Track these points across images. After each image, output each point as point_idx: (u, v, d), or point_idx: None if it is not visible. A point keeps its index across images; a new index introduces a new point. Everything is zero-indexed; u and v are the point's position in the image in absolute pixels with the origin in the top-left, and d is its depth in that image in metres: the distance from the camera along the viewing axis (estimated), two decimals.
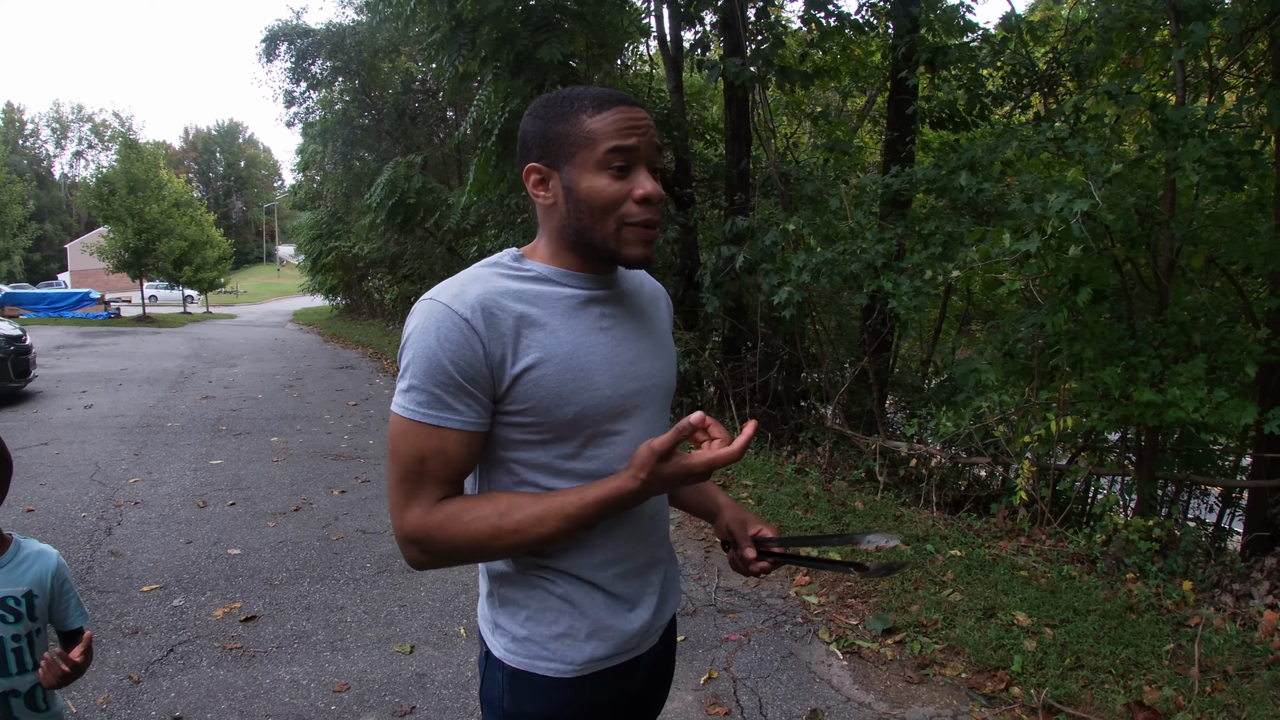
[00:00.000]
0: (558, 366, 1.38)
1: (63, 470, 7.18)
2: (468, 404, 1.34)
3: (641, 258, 1.43)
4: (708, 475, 1.35)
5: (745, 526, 1.68)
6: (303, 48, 19.75)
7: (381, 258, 22.18)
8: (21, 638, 1.93)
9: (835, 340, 8.94)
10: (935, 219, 6.31)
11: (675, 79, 10.61)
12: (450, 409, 1.33)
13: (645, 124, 1.39)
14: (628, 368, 1.47)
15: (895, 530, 5.42)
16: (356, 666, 3.81)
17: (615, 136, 1.36)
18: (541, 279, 1.43)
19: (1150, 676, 3.55)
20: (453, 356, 1.31)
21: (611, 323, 1.48)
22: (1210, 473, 6.10)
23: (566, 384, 1.38)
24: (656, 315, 1.62)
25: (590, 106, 1.38)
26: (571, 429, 1.41)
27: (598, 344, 1.43)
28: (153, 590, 4.64)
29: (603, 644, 1.48)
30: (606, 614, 1.49)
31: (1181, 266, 5.45)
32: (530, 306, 1.39)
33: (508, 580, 1.49)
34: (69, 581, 2.03)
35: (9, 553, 1.95)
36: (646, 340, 1.54)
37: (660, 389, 1.55)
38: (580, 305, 1.45)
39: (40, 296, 34.17)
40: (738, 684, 3.70)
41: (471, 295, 1.34)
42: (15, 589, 1.92)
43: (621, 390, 1.45)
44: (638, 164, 1.39)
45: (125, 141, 31.25)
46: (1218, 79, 5.93)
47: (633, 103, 1.40)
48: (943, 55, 7.50)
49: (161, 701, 3.49)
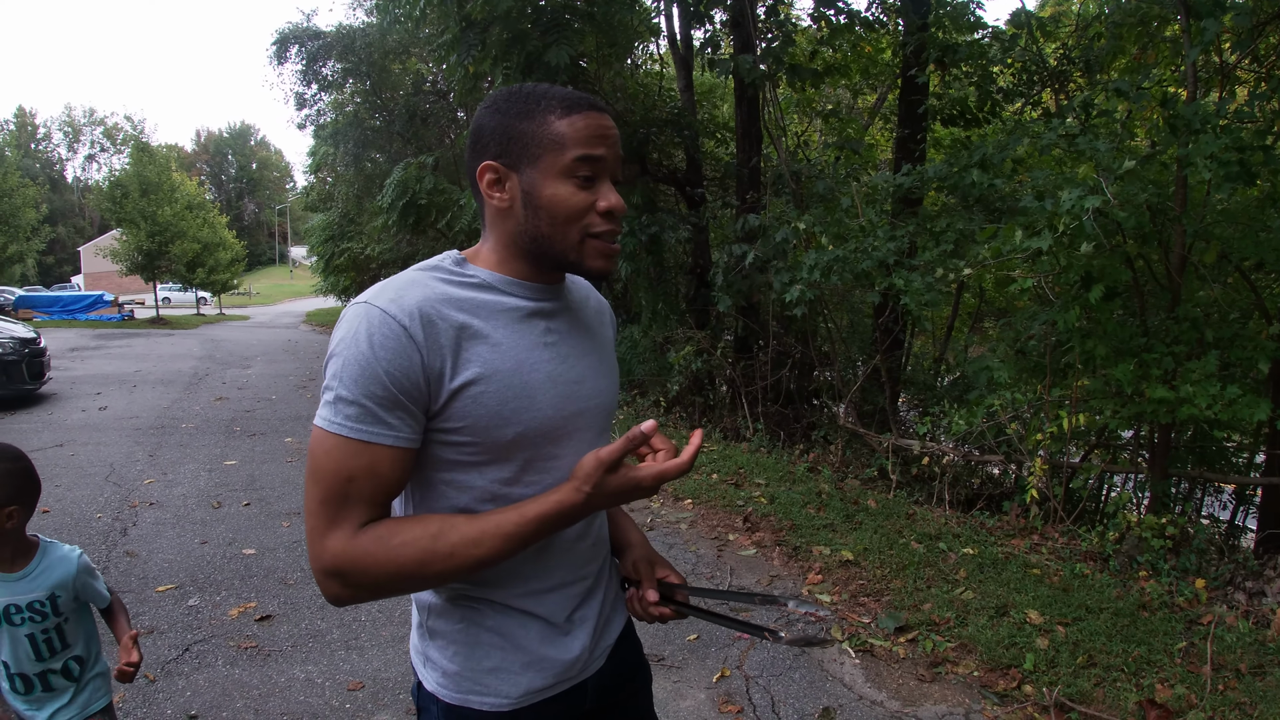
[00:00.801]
0: (499, 384, 1.28)
1: (78, 471, 7.23)
2: (402, 418, 1.22)
3: (603, 270, 1.36)
4: (655, 489, 1.27)
5: (653, 568, 1.56)
6: (313, 50, 19.78)
7: (394, 259, 22.19)
8: (50, 630, 2.20)
9: (847, 338, 8.93)
10: (947, 216, 6.31)
11: (685, 78, 10.62)
12: (383, 424, 1.21)
13: (614, 134, 1.33)
14: (571, 387, 1.38)
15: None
16: (371, 665, 3.83)
17: (585, 144, 1.28)
18: (485, 286, 1.34)
19: (1162, 674, 3.55)
20: (388, 366, 1.19)
21: (557, 338, 1.39)
22: (1224, 470, 6.08)
23: (508, 403, 1.28)
24: (602, 331, 1.54)
25: (559, 108, 1.30)
26: (509, 451, 1.31)
27: (542, 360, 1.34)
28: (168, 590, 4.67)
29: (539, 675, 1.40)
30: (541, 644, 1.40)
31: (1194, 263, 5.43)
32: (472, 316, 1.29)
33: (436, 611, 1.40)
34: (87, 577, 2.27)
35: (35, 561, 2.19)
36: (592, 358, 1.45)
37: (602, 410, 1.46)
38: (525, 318, 1.36)
39: (54, 299, 34.30)
40: (750, 682, 3.71)
41: (410, 300, 1.24)
42: (40, 594, 2.17)
43: (563, 411, 1.36)
44: (603, 175, 1.32)
45: (137, 144, 31.36)
46: (1229, 74, 5.90)
47: (602, 109, 1.33)
48: (953, 52, 7.49)
49: (177, 700, 3.52)
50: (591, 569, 1.49)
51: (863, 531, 5.40)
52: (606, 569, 1.55)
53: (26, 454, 2.23)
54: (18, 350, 10.86)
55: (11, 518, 2.11)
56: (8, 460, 2.14)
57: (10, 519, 2.11)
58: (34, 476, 2.20)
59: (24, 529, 2.18)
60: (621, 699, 1.61)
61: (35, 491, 2.21)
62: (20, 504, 2.13)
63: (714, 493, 6.43)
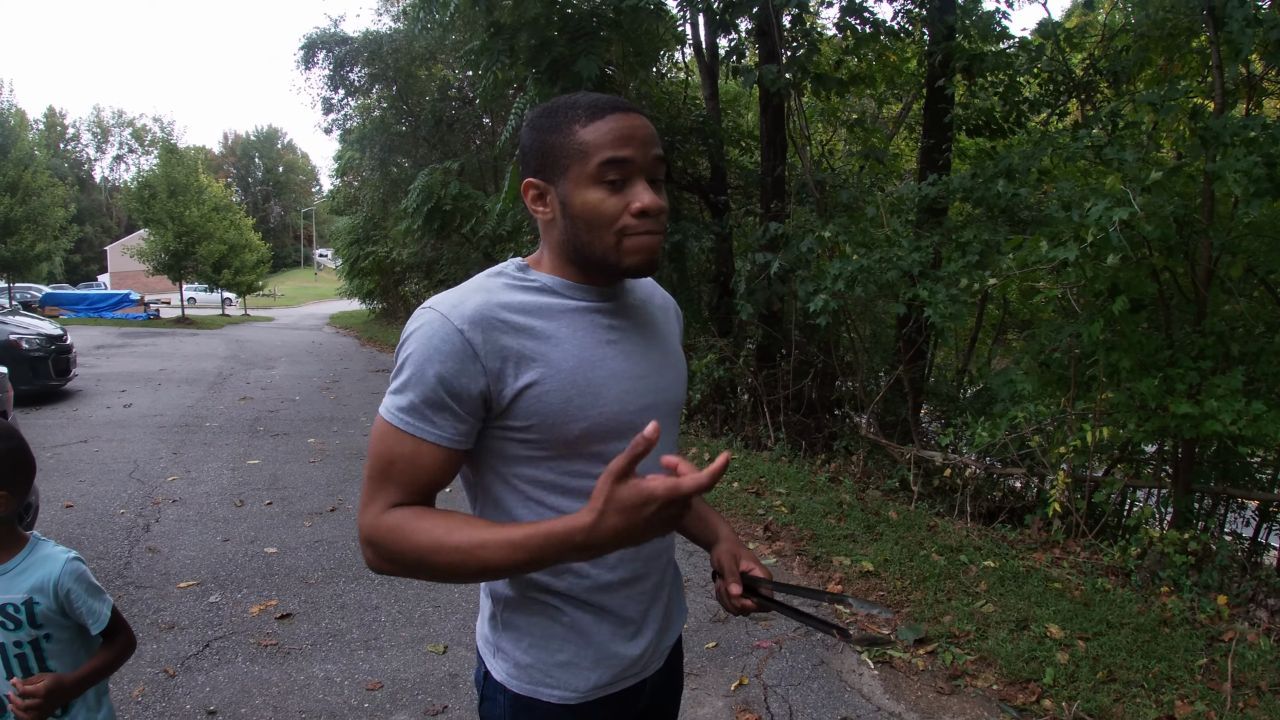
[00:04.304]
0: (562, 382, 1.32)
1: (102, 467, 7.31)
2: (448, 420, 1.29)
3: (643, 265, 1.37)
4: (674, 508, 1.15)
5: (738, 561, 1.56)
6: (340, 56, 19.94)
7: (418, 262, 22.36)
8: (24, 644, 1.87)
9: (870, 348, 8.90)
10: (972, 227, 6.27)
11: (710, 86, 10.64)
12: (430, 422, 1.29)
13: (643, 133, 1.33)
14: (637, 382, 1.41)
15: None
16: (390, 665, 3.85)
17: (609, 148, 1.30)
18: (546, 290, 1.39)
19: (1183, 691, 3.52)
20: (441, 370, 1.27)
21: (619, 335, 1.43)
22: (1247, 486, 6.00)
23: (572, 400, 1.32)
24: (667, 327, 1.57)
25: (584, 116, 1.32)
26: (577, 446, 1.35)
27: (605, 358, 1.38)
28: (190, 586, 4.72)
29: (607, 671, 1.44)
30: (612, 641, 1.44)
31: (1220, 276, 5.38)
32: (533, 319, 1.34)
33: (512, 605, 1.43)
34: (76, 589, 1.89)
35: (18, 557, 1.88)
36: (657, 353, 1.49)
37: (671, 403, 1.50)
38: (587, 318, 1.40)
39: (80, 297, 34.74)
40: (768, 691, 3.70)
41: (470, 307, 1.30)
42: (14, 596, 1.85)
43: (630, 406, 1.39)
44: (635, 176, 1.33)
45: (165, 146, 31.70)
46: (1256, 85, 5.86)
47: (628, 109, 1.34)
48: (979, 62, 7.46)
49: (196, 696, 3.54)
50: (657, 565, 1.51)
51: (883, 543, 5.38)
52: (671, 570, 1.59)
53: (20, 433, 1.94)
54: (45, 347, 11.01)
55: (0, 504, 1.83)
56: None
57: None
58: (28, 458, 1.91)
59: (14, 519, 1.90)
60: (663, 700, 1.64)
61: (29, 475, 1.91)
62: (10, 489, 1.84)
63: (735, 501, 6.42)
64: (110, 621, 1.94)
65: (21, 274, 32.11)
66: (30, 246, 29.58)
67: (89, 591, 1.92)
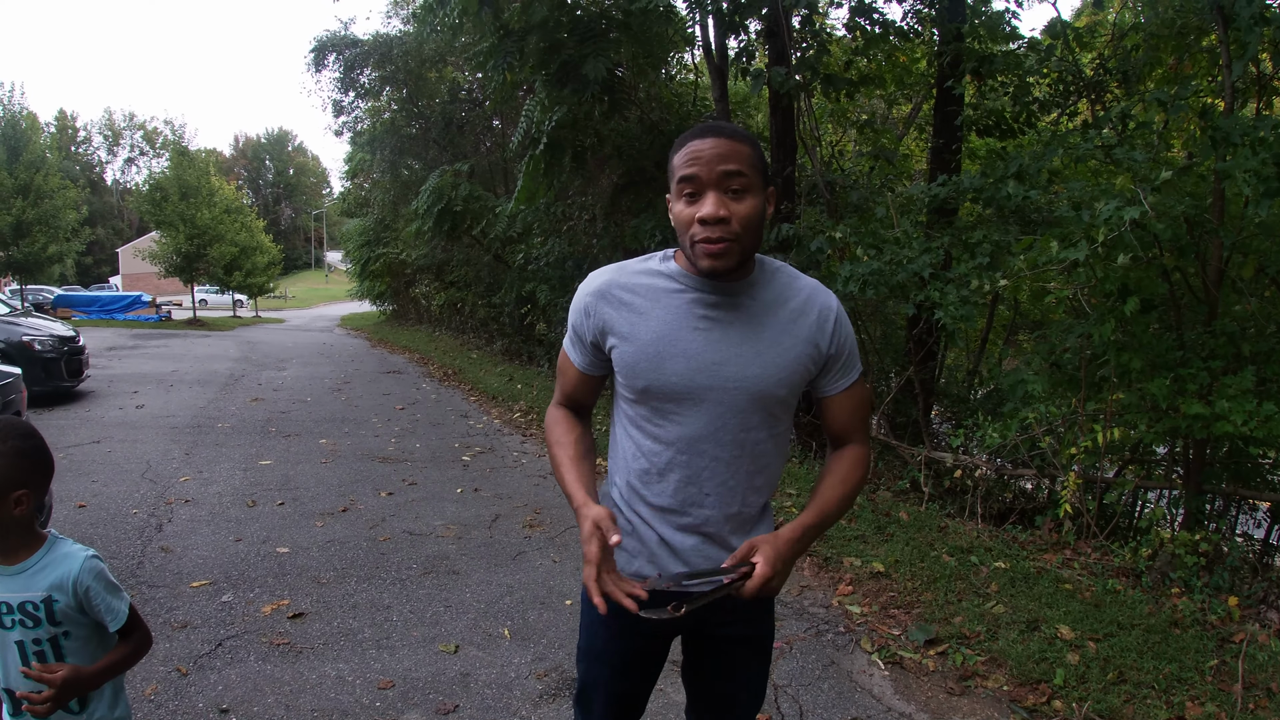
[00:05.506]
0: (636, 346, 1.74)
1: (114, 468, 7.34)
2: (582, 351, 1.88)
3: (708, 268, 1.65)
4: (591, 555, 1.63)
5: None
6: (351, 58, 19.99)
7: (428, 264, 22.38)
8: (44, 641, 1.89)
9: (881, 349, 8.89)
10: (982, 228, 6.27)
11: (720, 87, 10.63)
12: (574, 348, 1.90)
13: (710, 154, 1.60)
14: (709, 365, 1.71)
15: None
16: (401, 665, 3.87)
17: (682, 168, 1.63)
18: (665, 276, 1.77)
19: (1193, 692, 3.51)
20: (575, 320, 1.85)
21: (710, 324, 1.73)
22: (1259, 487, 5.98)
23: (640, 362, 1.74)
24: (784, 328, 1.76)
25: (679, 145, 1.67)
26: (642, 397, 1.78)
27: (685, 338, 1.72)
28: (202, 586, 4.74)
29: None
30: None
31: (1231, 276, 5.37)
32: (637, 296, 1.76)
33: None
34: (95, 587, 1.91)
35: (36, 555, 1.90)
36: (749, 346, 1.73)
37: (741, 391, 1.73)
38: (685, 303, 1.74)
39: (92, 299, 34.88)
40: (779, 691, 3.71)
41: (599, 281, 1.81)
42: (34, 594, 1.87)
43: (692, 382, 1.72)
44: (705, 189, 1.61)
45: (177, 149, 31.91)
46: (1266, 84, 5.84)
47: (706, 134, 1.64)
48: (989, 63, 7.45)
49: (209, 694, 3.56)
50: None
51: (894, 544, 5.38)
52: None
53: (40, 433, 1.94)
54: (57, 348, 11.05)
55: (20, 503, 1.83)
56: (17, 437, 1.86)
57: (19, 504, 1.83)
58: (48, 458, 1.92)
59: (34, 518, 1.90)
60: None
61: (48, 474, 1.93)
62: (31, 487, 1.85)
63: None
64: (128, 619, 1.96)
65: (34, 276, 32.29)
66: (42, 249, 29.77)
67: (108, 589, 1.93)
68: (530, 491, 6.99)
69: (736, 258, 1.65)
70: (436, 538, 5.71)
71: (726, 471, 1.79)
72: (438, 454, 8.44)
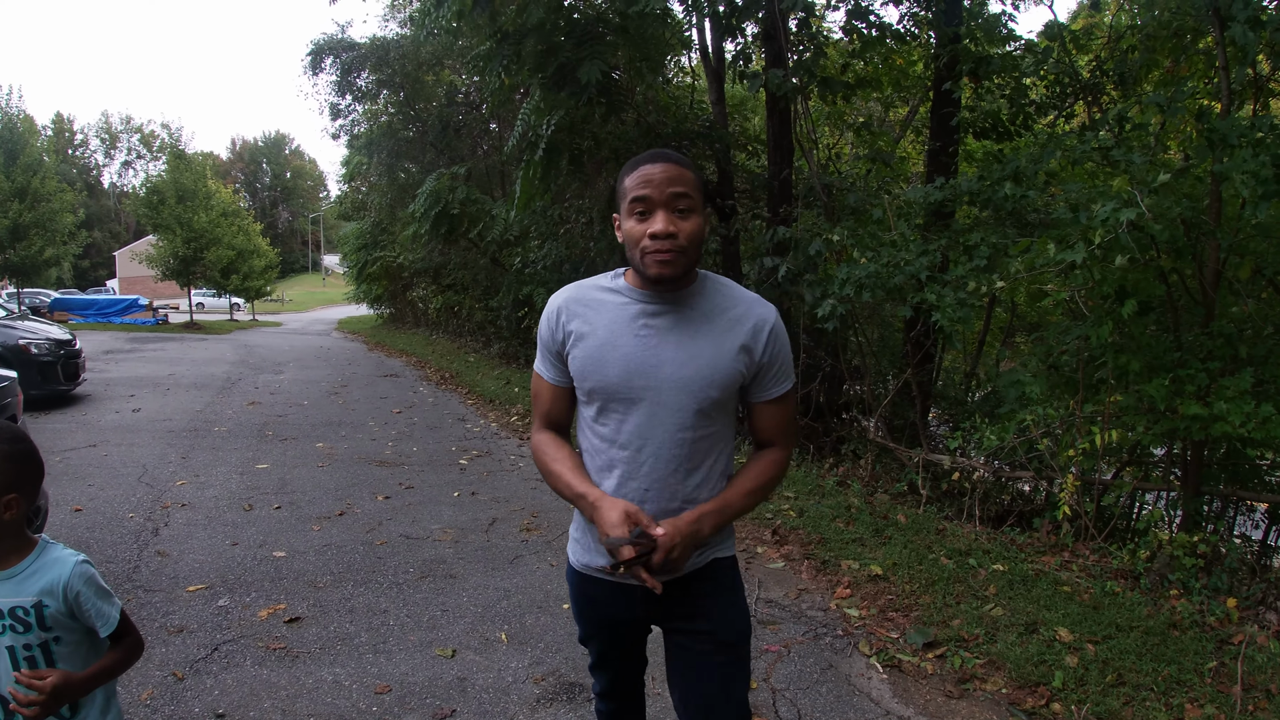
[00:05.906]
0: (585, 351, 1.95)
1: (110, 472, 7.33)
2: (551, 364, 2.05)
3: (657, 275, 1.86)
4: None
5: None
6: (348, 61, 19.95)
7: (425, 268, 22.37)
8: (34, 647, 1.89)
9: (878, 352, 8.88)
10: (979, 230, 6.26)
11: (717, 90, 10.64)
12: (544, 364, 2.07)
13: (660, 177, 1.83)
14: (647, 366, 1.90)
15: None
16: (398, 669, 3.85)
17: (635, 189, 1.85)
18: (613, 291, 1.98)
19: (1192, 694, 3.51)
20: (543, 332, 2.04)
21: (650, 331, 1.92)
22: (1257, 488, 5.98)
23: (587, 365, 1.95)
24: (720, 334, 1.94)
25: (630, 168, 1.89)
26: (591, 397, 1.98)
27: (627, 343, 1.92)
28: (198, 590, 4.72)
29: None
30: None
31: (1228, 277, 5.37)
32: (589, 309, 1.98)
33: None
34: (85, 592, 1.91)
35: (27, 560, 1.89)
36: (686, 349, 1.92)
37: (677, 392, 1.91)
38: (628, 313, 1.94)
39: (89, 302, 34.81)
40: (777, 695, 3.70)
41: (562, 297, 2.03)
42: (24, 599, 1.87)
43: (631, 383, 1.91)
44: (655, 208, 1.83)
45: (174, 152, 31.86)
46: (1263, 86, 5.84)
47: (656, 160, 1.86)
48: (986, 65, 7.45)
49: (205, 699, 3.55)
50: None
51: (892, 546, 5.38)
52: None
53: (29, 436, 1.95)
54: (53, 351, 11.05)
55: (10, 507, 1.83)
56: (6, 441, 1.85)
57: (9, 509, 1.83)
58: (36, 460, 1.92)
59: (24, 522, 1.89)
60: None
61: (37, 478, 1.93)
62: (20, 491, 1.85)
63: None
64: (119, 624, 1.95)
65: (30, 279, 32.28)
66: (39, 252, 29.78)
67: (98, 594, 1.93)
68: (527, 495, 6.98)
69: (682, 267, 1.86)
70: (433, 541, 5.69)
71: (665, 469, 1.94)
72: (435, 457, 8.43)
